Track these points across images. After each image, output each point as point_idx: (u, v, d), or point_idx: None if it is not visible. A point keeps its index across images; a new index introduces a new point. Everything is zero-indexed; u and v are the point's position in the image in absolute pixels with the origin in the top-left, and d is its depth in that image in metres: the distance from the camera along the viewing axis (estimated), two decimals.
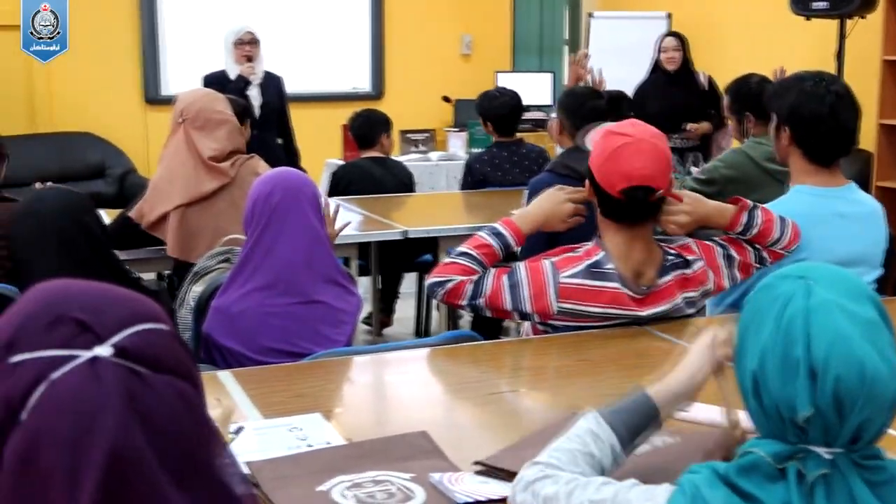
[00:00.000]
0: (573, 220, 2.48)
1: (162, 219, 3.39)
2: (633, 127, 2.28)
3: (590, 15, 7.72)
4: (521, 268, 2.33)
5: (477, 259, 2.33)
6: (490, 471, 1.66)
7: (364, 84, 8.10)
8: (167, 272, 3.73)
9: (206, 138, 3.42)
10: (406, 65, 8.11)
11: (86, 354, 0.79)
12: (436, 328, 5.23)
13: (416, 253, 4.73)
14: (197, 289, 2.97)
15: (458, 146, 6.62)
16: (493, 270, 2.33)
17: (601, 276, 2.31)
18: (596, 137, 2.38)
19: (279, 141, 5.46)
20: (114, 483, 0.75)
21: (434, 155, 6.52)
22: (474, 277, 2.32)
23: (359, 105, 7.97)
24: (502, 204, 4.50)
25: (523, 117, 5.38)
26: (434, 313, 5.21)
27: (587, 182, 2.36)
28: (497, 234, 2.38)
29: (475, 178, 4.96)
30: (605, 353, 2.27)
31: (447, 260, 2.39)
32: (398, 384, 2.23)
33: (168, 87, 7.56)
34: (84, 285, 0.88)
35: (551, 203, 2.46)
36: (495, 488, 1.61)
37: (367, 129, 5.01)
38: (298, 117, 5.76)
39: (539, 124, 7.52)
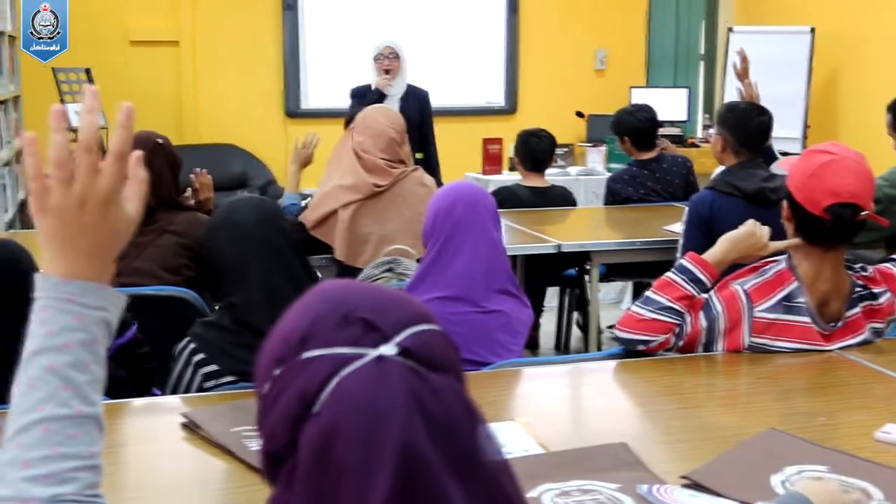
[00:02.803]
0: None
1: (326, 219, 3.50)
2: (835, 146, 2.23)
3: (729, 29, 7.60)
4: (716, 301, 2.28)
5: (679, 312, 2.26)
6: (696, 485, 1.65)
7: (498, 98, 8.15)
8: None
9: (369, 144, 3.55)
10: (540, 80, 8.12)
11: (373, 353, 0.82)
12: (575, 344, 5.22)
13: (562, 267, 4.72)
14: None
15: (596, 161, 6.59)
16: (690, 315, 2.29)
17: (793, 309, 2.26)
18: (791, 160, 2.32)
19: (418, 155, 5.52)
20: (404, 478, 0.78)
21: (573, 170, 6.51)
22: (677, 330, 2.27)
23: (495, 120, 8.07)
24: (650, 219, 4.48)
25: (658, 133, 5.31)
26: (573, 328, 5.20)
27: (784, 205, 2.29)
28: (696, 281, 2.28)
29: (617, 198, 4.93)
30: (795, 372, 2.24)
31: (646, 314, 2.26)
32: (584, 395, 2.24)
33: (308, 101, 7.75)
34: (360, 286, 0.92)
35: (749, 246, 2.35)
36: (706, 502, 1.60)
37: (544, 153, 4.91)
38: (436, 131, 5.82)
39: (675, 140, 7.44)
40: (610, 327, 5.28)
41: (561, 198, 4.92)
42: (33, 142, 1.01)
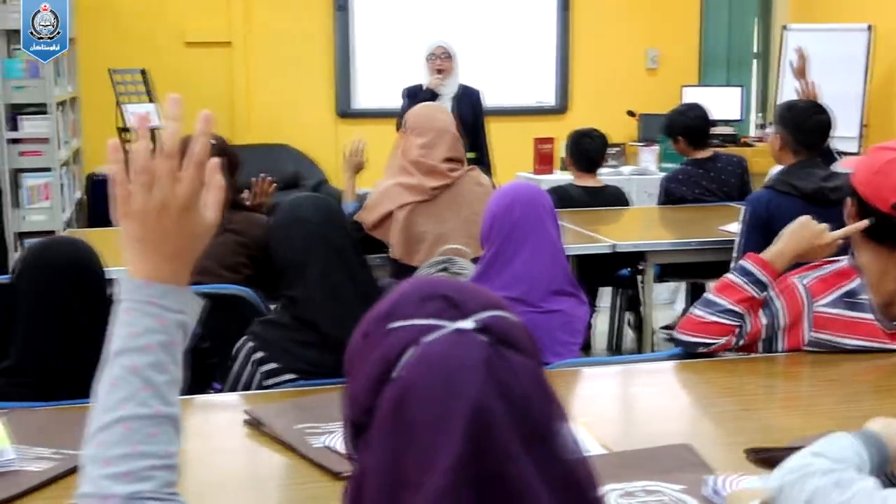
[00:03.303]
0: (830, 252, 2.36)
1: (383, 220, 3.52)
2: None
3: (784, 27, 7.51)
4: (775, 297, 2.24)
5: (740, 314, 2.23)
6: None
7: (549, 98, 8.13)
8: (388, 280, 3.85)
9: (425, 145, 3.56)
10: (591, 79, 8.09)
11: (452, 325, 0.86)
12: (628, 344, 5.19)
13: (615, 267, 4.69)
14: None
15: (649, 161, 6.54)
16: (751, 315, 2.25)
17: (856, 306, 2.22)
18: (854, 160, 2.27)
19: (470, 155, 5.52)
20: (476, 436, 0.81)
21: (626, 169, 6.47)
22: (738, 331, 2.24)
23: (546, 119, 8.04)
24: (705, 219, 4.44)
25: (711, 132, 5.27)
26: (625, 328, 5.17)
27: (848, 202, 2.25)
28: (757, 283, 2.24)
29: (672, 198, 4.90)
30: (860, 373, 2.20)
31: (706, 317, 2.23)
32: (644, 396, 2.22)
33: (358, 101, 7.79)
34: (445, 278, 0.97)
35: (807, 236, 2.29)
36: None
37: (597, 153, 4.90)
38: (490, 131, 5.82)
39: (728, 139, 7.36)
40: (663, 328, 5.25)
41: (614, 197, 4.90)
42: (117, 148, 1.03)
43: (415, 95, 5.39)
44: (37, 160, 5.65)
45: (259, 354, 2.29)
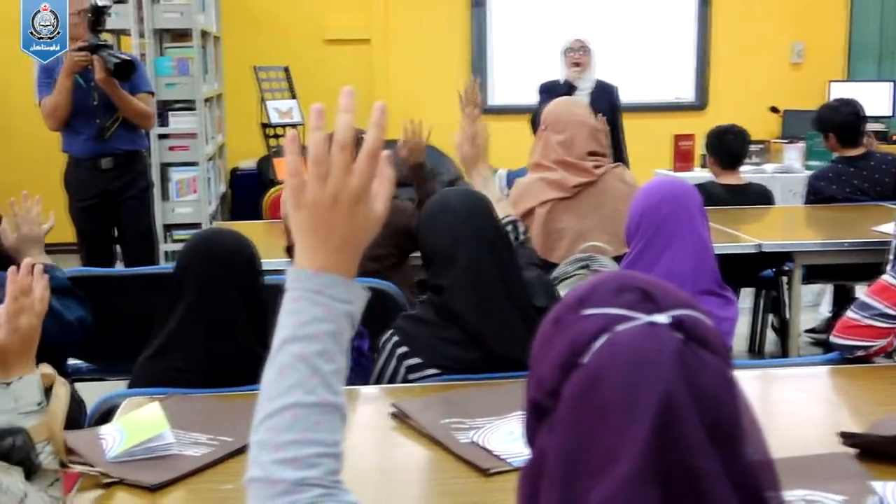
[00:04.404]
0: None
1: (525, 217, 3.50)
2: None
3: None
4: None
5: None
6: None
7: (688, 94, 7.96)
8: None
9: (564, 141, 3.52)
10: (732, 74, 7.88)
11: (646, 318, 0.85)
12: (770, 347, 5.04)
13: (758, 268, 4.56)
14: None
15: (794, 158, 6.32)
16: None
17: None
18: None
19: None
20: (664, 427, 0.80)
21: (769, 167, 6.28)
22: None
23: (684, 115, 7.87)
24: (856, 219, 4.28)
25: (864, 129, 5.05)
26: (768, 331, 5.02)
27: None
28: None
29: (820, 197, 4.73)
30: None
31: (862, 320, 2.16)
32: (798, 401, 2.15)
33: (494, 97, 7.80)
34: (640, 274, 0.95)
35: None
36: None
37: (739, 150, 4.80)
38: (626, 127, 5.73)
39: (878, 137, 7.06)
40: (807, 331, 5.07)
41: (758, 196, 4.76)
42: (295, 139, 1.04)
43: (551, 91, 5.34)
44: (184, 154, 5.85)
45: (403, 349, 2.31)
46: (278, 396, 1.02)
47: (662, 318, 0.85)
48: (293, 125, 6.54)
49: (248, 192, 6.82)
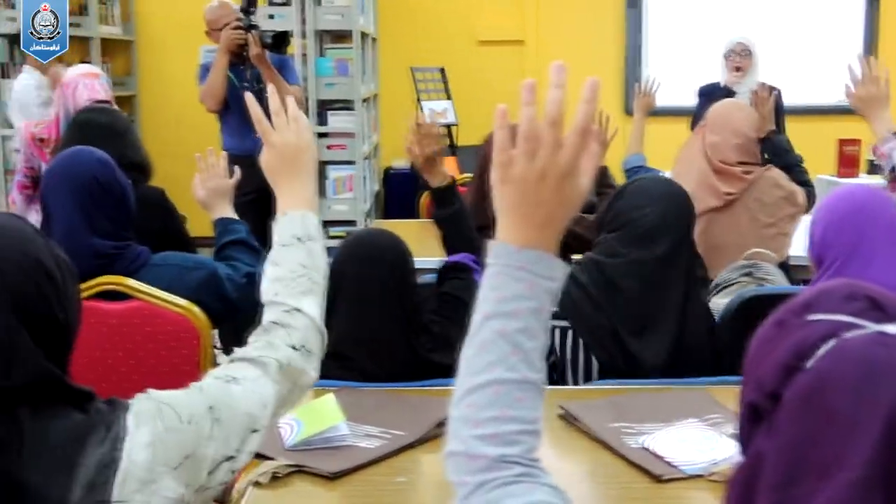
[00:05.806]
0: None
1: None
2: None
3: None
4: None
5: None
6: None
7: None
8: None
9: (723, 145, 3.44)
10: None
11: (875, 326, 0.83)
12: None
13: None
14: (719, 300, 2.94)
15: None
16: None
17: None
18: None
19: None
20: (893, 437, 0.78)
21: None
22: None
23: (849, 119, 7.50)
24: None
25: None
26: None
27: None
28: None
29: None
30: None
31: None
32: None
33: None
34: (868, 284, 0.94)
35: None
36: None
37: None
38: (789, 130, 5.56)
39: None
40: None
41: None
42: (504, 114, 1.04)
43: (710, 94, 5.25)
44: (341, 153, 5.98)
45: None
46: (479, 372, 1.01)
47: (892, 329, 0.83)
48: (447, 126, 6.60)
49: (401, 191, 6.92)
